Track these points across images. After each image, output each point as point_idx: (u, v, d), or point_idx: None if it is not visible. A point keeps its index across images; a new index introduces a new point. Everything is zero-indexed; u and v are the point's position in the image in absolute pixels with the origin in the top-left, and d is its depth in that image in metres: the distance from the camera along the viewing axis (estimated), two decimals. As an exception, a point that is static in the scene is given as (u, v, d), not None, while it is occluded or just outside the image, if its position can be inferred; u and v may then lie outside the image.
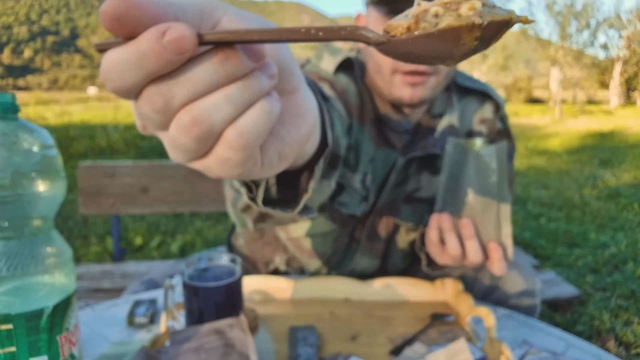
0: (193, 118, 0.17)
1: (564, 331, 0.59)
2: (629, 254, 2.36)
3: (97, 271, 1.30)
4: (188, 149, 0.18)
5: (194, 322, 0.49)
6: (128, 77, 0.17)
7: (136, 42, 0.16)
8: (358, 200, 0.64)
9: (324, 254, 0.70)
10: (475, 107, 0.70)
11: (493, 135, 0.70)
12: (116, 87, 0.18)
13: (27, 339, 0.40)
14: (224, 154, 0.18)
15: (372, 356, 0.51)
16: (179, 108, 0.18)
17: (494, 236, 0.48)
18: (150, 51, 0.16)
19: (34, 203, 0.40)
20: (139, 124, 0.21)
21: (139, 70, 0.17)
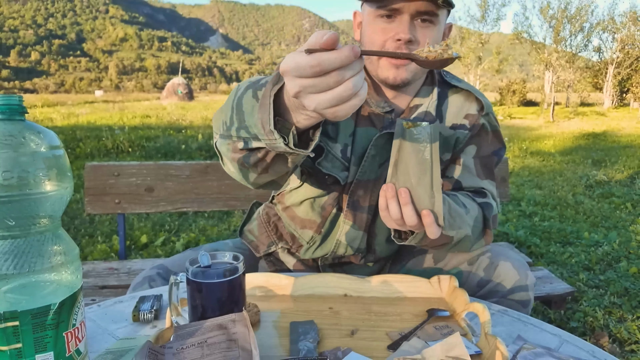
0: (347, 87, 0.39)
1: (558, 327, 0.61)
2: (622, 252, 2.40)
3: (103, 268, 1.31)
4: (332, 102, 0.40)
5: (197, 318, 0.50)
6: (328, 66, 0.38)
7: (341, 50, 0.38)
8: (339, 167, 0.74)
9: (314, 222, 0.78)
10: (461, 103, 0.78)
11: (475, 130, 0.77)
12: (315, 71, 0.39)
13: (33, 336, 0.40)
14: (353, 106, 0.41)
15: (371, 351, 0.53)
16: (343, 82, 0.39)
17: (427, 204, 0.55)
18: (348, 55, 0.38)
19: (41, 202, 0.41)
20: (295, 91, 0.41)
21: (337, 63, 0.38)
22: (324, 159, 0.73)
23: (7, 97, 0.41)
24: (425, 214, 0.54)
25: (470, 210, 0.72)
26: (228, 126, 0.55)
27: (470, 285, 0.76)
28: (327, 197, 0.77)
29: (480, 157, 0.78)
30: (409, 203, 0.55)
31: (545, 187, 4.10)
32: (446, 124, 0.76)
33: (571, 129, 10.11)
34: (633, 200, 3.59)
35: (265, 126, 0.47)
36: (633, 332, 1.56)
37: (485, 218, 0.74)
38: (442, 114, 0.77)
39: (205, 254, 0.52)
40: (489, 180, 0.78)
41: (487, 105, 0.78)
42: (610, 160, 5.54)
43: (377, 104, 0.73)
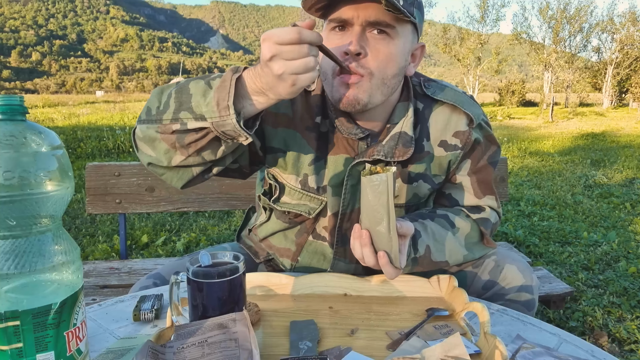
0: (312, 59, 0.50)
1: (557, 327, 0.61)
2: (621, 251, 2.40)
3: (104, 268, 1.31)
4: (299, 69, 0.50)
5: (198, 317, 0.50)
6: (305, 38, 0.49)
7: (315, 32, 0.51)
8: (302, 199, 0.72)
9: (289, 250, 0.78)
10: (447, 118, 0.72)
11: (468, 147, 0.73)
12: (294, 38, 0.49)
13: (34, 335, 0.41)
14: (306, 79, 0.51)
15: (370, 350, 0.53)
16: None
17: (385, 246, 0.58)
18: (318, 36, 0.50)
19: (42, 202, 0.41)
20: (271, 54, 0.50)
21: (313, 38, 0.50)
22: (281, 194, 0.72)
23: (8, 97, 0.41)
24: (381, 255, 0.57)
25: (461, 229, 0.72)
26: (160, 110, 0.57)
27: (476, 287, 0.75)
28: (297, 228, 0.76)
29: (475, 171, 0.76)
30: (368, 245, 0.58)
31: (544, 187, 4.11)
32: (433, 143, 0.72)
33: (570, 129, 10.13)
34: (632, 200, 3.60)
35: (220, 103, 0.52)
36: (632, 332, 1.56)
37: (481, 232, 0.74)
38: (427, 131, 0.72)
39: (205, 254, 0.52)
40: (487, 197, 0.76)
41: (476, 115, 0.72)
42: (609, 161, 5.55)
43: (349, 131, 0.68)
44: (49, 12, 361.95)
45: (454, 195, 0.77)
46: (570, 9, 18.70)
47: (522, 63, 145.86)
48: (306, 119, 0.70)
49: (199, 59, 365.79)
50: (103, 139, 6.00)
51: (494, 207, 0.77)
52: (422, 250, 0.67)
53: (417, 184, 0.73)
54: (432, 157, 0.73)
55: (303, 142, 0.70)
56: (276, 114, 0.69)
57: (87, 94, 53.77)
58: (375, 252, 0.58)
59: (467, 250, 0.72)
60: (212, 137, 0.55)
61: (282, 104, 0.69)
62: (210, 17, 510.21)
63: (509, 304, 0.72)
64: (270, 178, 0.74)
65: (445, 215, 0.72)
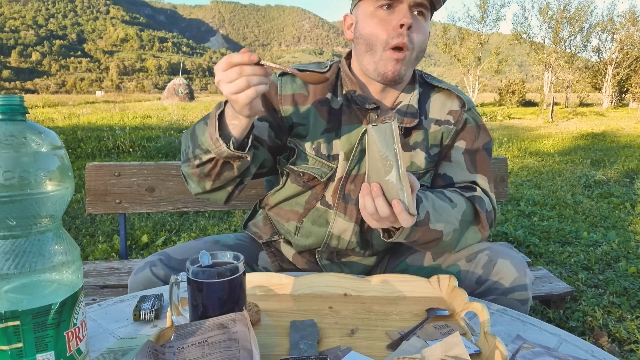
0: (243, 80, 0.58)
1: (557, 327, 0.61)
2: (621, 251, 2.40)
3: (104, 268, 1.31)
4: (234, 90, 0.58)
5: (198, 317, 0.50)
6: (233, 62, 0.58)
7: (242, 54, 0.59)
8: (314, 164, 0.80)
9: (296, 212, 0.84)
10: (443, 101, 0.83)
11: (460, 124, 0.82)
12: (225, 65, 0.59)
13: (34, 335, 0.40)
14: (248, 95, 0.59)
15: (370, 350, 0.53)
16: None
17: (397, 195, 0.58)
18: (243, 56, 0.58)
19: (42, 202, 0.41)
20: (217, 80, 0.60)
21: (238, 60, 0.58)
22: (298, 159, 0.80)
23: (8, 97, 0.41)
24: (395, 203, 0.58)
25: (457, 204, 0.75)
26: (186, 152, 0.71)
27: (469, 282, 0.76)
28: (308, 193, 0.82)
29: (469, 151, 0.82)
30: (380, 195, 0.59)
31: (544, 187, 4.11)
32: (430, 120, 0.82)
33: (570, 129, 10.13)
34: (632, 200, 3.60)
35: (212, 137, 0.64)
36: (632, 332, 1.56)
37: (476, 210, 0.76)
38: (426, 111, 0.82)
39: (205, 254, 0.52)
40: (479, 175, 0.81)
41: (468, 101, 0.82)
42: (609, 160, 5.55)
43: (362, 101, 0.78)
44: (49, 12, 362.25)
45: (448, 173, 0.82)
46: (570, 9, 18.70)
47: (522, 63, 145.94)
48: (318, 95, 0.80)
49: (199, 59, 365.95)
50: (103, 139, 6.01)
51: (486, 189, 0.81)
52: (423, 215, 0.69)
53: (415, 152, 0.81)
54: (427, 132, 0.82)
55: (317, 114, 0.80)
56: (293, 95, 0.80)
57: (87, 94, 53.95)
58: (388, 203, 0.59)
59: (460, 226, 0.74)
60: (222, 162, 0.67)
61: (297, 86, 0.80)
62: (210, 17, 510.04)
63: (502, 299, 0.72)
64: (290, 143, 0.82)
65: (442, 191, 0.77)
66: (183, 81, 20.71)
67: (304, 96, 0.79)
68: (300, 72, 0.65)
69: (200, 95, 39.52)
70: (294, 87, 0.79)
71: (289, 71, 0.66)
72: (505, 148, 6.66)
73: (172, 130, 7.76)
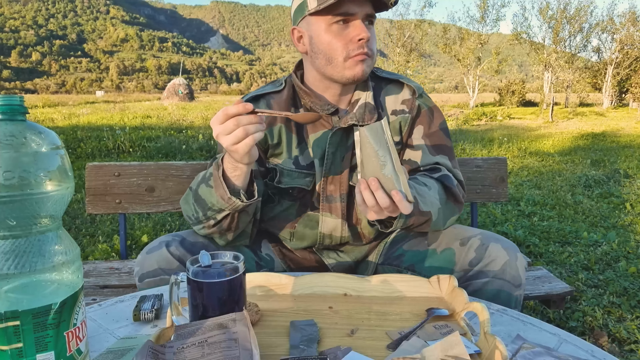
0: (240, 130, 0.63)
1: (557, 327, 0.61)
2: (621, 252, 2.40)
3: (104, 268, 1.31)
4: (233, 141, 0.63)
5: (198, 317, 0.50)
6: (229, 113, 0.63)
7: (238, 105, 0.63)
8: (300, 177, 0.84)
9: (289, 220, 0.88)
10: (396, 91, 0.88)
11: (414, 111, 0.87)
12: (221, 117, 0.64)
13: (34, 335, 0.40)
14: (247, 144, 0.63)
15: (370, 350, 0.53)
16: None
17: (395, 186, 0.62)
18: (239, 107, 0.62)
19: (42, 202, 0.41)
20: (216, 134, 0.64)
21: (234, 112, 0.63)
22: (282, 176, 0.85)
23: (8, 97, 0.41)
24: (395, 194, 0.61)
25: (431, 187, 0.79)
26: (196, 217, 0.75)
27: (462, 264, 0.78)
28: (299, 203, 0.87)
29: (428, 135, 0.87)
30: (379, 188, 0.62)
31: (544, 187, 4.11)
32: (387, 111, 0.87)
33: (570, 129, 10.13)
34: (632, 200, 3.60)
35: (224, 197, 0.69)
36: (632, 332, 1.56)
37: (446, 187, 0.81)
38: (382, 104, 0.87)
39: (205, 254, 0.53)
40: (440, 155, 0.86)
41: (417, 87, 0.88)
42: (609, 160, 5.55)
43: (322, 107, 0.82)
44: (49, 12, 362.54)
45: (412, 158, 0.87)
46: (570, 9, 18.69)
47: (522, 63, 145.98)
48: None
49: (199, 59, 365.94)
50: (103, 139, 6.01)
51: (449, 166, 0.85)
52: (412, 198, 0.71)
53: None
54: (388, 122, 0.84)
55: (287, 131, 0.84)
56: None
57: (87, 94, 54.04)
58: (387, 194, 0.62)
59: (440, 204, 0.79)
60: (237, 213, 0.72)
61: (263, 108, 0.84)
62: (210, 17, 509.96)
63: (494, 281, 0.74)
64: (271, 165, 0.86)
65: (415, 178, 0.81)
66: (183, 81, 20.71)
67: (272, 117, 0.83)
68: (294, 114, 0.68)
69: (200, 95, 39.56)
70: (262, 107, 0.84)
71: (283, 115, 0.67)
72: (505, 148, 6.66)
73: (172, 130, 7.76)
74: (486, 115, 13.07)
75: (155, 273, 0.73)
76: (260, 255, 0.88)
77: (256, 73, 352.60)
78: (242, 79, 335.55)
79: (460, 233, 0.81)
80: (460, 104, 20.78)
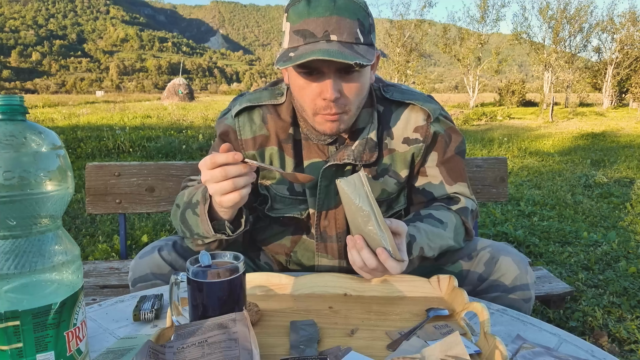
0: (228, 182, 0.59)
1: (557, 327, 0.61)
2: (621, 251, 2.40)
3: (104, 268, 1.31)
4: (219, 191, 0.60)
5: (198, 317, 0.50)
6: (217, 161, 0.59)
7: (228, 154, 0.59)
8: (294, 203, 0.79)
9: (284, 246, 0.84)
10: (407, 117, 0.78)
11: (429, 140, 0.78)
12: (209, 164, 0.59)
13: (34, 335, 0.40)
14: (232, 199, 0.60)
15: (370, 350, 0.53)
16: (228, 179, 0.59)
17: (379, 243, 0.58)
18: (228, 156, 0.58)
19: (42, 202, 0.41)
20: (204, 180, 0.61)
21: (223, 160, 0.59)
22: (274, 202, 0.79)
23: (8, 97, 0.41)
24: (380, 252, 0.58)
25: (449, 223, 0.75)
26: (184, 234, 0.74)
27: (471, 279, 0.76)
28: (291, 229, 0.82)
29: (444, 162, 0.80)
30: (364, 247, 0.59)
31: (544, 187, 4.11)
32: (395, 140, 0.78)
33: (570, 129, 10.13)
34: (632, 200, 3.60)
35: (209, 233, 0.67)
36: (632, 332, 1.56)
37: (463, 222, 0.77)
38: (390, 131, 0.77)
39: (205, 254, 0.52)
40: (458, 184, 0.80)
41: (433, 110, 0.77)
42: (609, 160, 5.55)
43: (318, 138, 0.75)
44: (49, 12, 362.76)
45: (427, 188, 0.81)
46: (570, 9, 18.68)
47: (522, 63, 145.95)
48: (281, 134, 0.77)
49: (199, 59, 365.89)
50: (103, 139, 6.01)
51: (466, 194, 0.81)
52: (416, 253, 0.69)
53: (383, 179, 0.79)
54: (396, 154, 0.78)
55: (282, 154, 0.77)
56: (254, 137, 0.77)
57: (87, 94, 54.13)
58: (374, 252, 0.60)
59: (454, 242, 0.76)
60: (225, 240, 0.70)
61: (257, 127, 0.77)
62: (210, 17, 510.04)
63: (504, 296, 0.72)
64: (262, 189, 0.80)
65: (430, 214, 0.76)
66: (183, 81, 20.71)
67: (266, 137, 0.77)
68: (286, 172, 0.64)
69: (200, 95, 39.57)
70: (253, 129, 0.76)
71: (273, 169, 0.63)
72: (505, 148, 6.66)
73: (172, 130, 7.76)
74: (486, 115, 13.07)
75: (147, 278, 0.73)
76: (258, 264, 0.87)
77: (256, 73, 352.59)
78: (242, 79, 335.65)
79: (469, 246, 0.78)
80: (460, 104, 20.76)
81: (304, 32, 0.63)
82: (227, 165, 0.57)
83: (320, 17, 0.62)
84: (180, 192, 0.77)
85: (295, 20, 0.64)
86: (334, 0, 0.62)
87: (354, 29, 0.63)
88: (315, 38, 0.62)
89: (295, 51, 0.63)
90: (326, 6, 0.62)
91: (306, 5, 0.63)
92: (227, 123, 0.79)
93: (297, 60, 0.61)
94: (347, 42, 0.62)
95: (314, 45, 0.62)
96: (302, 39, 0.63)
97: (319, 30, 0.62)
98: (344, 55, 0.60)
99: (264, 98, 0.77)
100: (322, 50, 0.60)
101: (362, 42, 0.64)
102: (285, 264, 0.86)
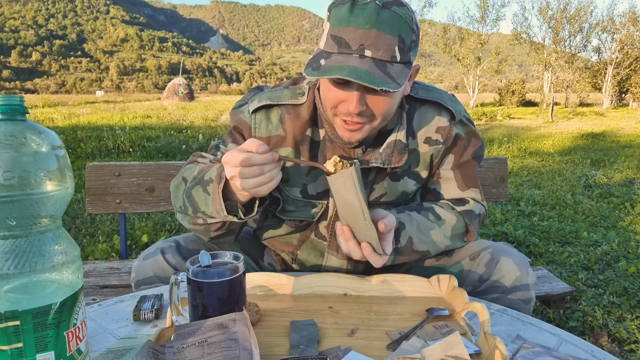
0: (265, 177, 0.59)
1: (557, 327, 0.61)
2: (621, 251, 2.40)
3: (104, 268, 1.31)
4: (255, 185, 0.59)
5: (198, 317, 0.50)
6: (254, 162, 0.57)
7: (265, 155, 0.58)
8: (305, 206, 0.77)
9: (291, 244, 0.83)
10: (431, 116, 0.76)
11: (449, 142, 0.77)
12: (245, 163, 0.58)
13: (34, 335, 0.40)
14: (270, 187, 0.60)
15: (370, 350, 0.53)
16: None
17: (365, 237, 0.61)
18: (267, 158, 0.58)
19: (42, 202, 0.41)
20: (231, 175, 0.60)
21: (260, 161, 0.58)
22: (285, 204, 0.78)
23: (8, 97, 0.41)
24: (364, 246, 0.61)
25: (447, 221, 0.75)
26: (184, 209, 0.70)
27: (471, 279, 0.76)
28: (300, 228, 0.80)
29: (459, 165, 0.79)
30: (351, 238, 0.61)
31: (544, 187, 4.11)
32: (419, 140, 0.76)
33: (570, 129, 10.13)
34: (632, 200, 3.60)
35: (220, 213, 0.64)
36: (632, 332, 1.56)
37: (466, 224, 0.77)
38: (413, 130, 0.76)
39: (205, 254, 0.52)
40: (470, 189, 0.79)
41: (458, 111, 0.76)
42: (609, 160, 5.55)
43: (342, 142, 0.72)
44: (49, 12, 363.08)
45: (438, 190, 0.80)
46: (570, 9, 18.69)
47: (522, 63, 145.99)
48: (297, 135, 0.75)
49: (199, 59, 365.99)
50: (103, 139, 6.01)
51: (477, 199, 0.80)
52: (404, 241, 0.70)
53: (403, 181, 0.78)
54: (417, 154, 0.77)
55: (297, 155, 0.75)
56: (269, 137, 0.75)
57: (87, 94, 54.20)
58: (359, 244, 0.62)
59: (450, 241, 0.76)
60: (230, 222, 0.67)
61: (273, 127, 0.75)
62: (210, 17, 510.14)
63: (504, 297, 0.72)
64: (275, 191, 0.78)
65: (431, 208, 0.76)
66: (183, 81, 20.71)
67: (281, 137, 0.75)
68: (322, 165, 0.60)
69: (200, 95, 39.60)
70: (269, 129, 0.75)
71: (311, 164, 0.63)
72: (505, 148, 6.66)
73: (172, 130, 7.76)
74: (486, 115, 13.07)
75: (151, 280, 0.73)
76: (262, 265, 0.87)
77: (256, 73, 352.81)
78: (242, 78, 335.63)
79: (470, 247, 0.78)
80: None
81: (339, 40, 0.60)
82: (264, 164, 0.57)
83: (359, 29, 0.59)
84: (187, 166, 0.73)
85: (335, 24, 0.61)
86: (378, 12, 0.59)
87: (392, 46, 0.59)
88: (350, 50, 0.60)
89: (328, 59, 0.61)
90: (368, 17, 0.59)
91: (348, 11, 0.60)
92: (242, 117, 0.77)
93: (324, 74, 0.59)
94: (382, 60, 0.59)
95: (346, 59, 0.59)
96: (337, 46, 0.61)
97: (355, 42, 0.59)
98: (371, 78, 0.58)
99: (284, 97, 0.74)
100: (350, 69, 0.58)
101: (398, 61, 0.61)
102: (290, 262, 0.86)
